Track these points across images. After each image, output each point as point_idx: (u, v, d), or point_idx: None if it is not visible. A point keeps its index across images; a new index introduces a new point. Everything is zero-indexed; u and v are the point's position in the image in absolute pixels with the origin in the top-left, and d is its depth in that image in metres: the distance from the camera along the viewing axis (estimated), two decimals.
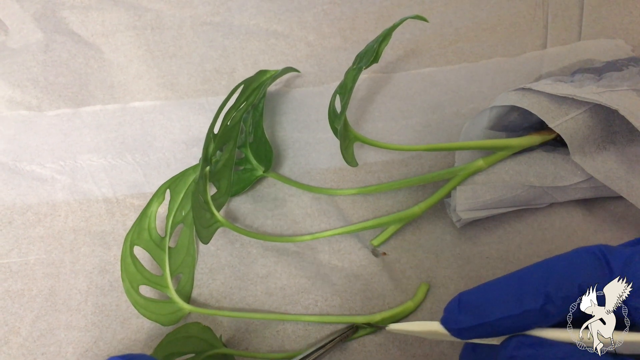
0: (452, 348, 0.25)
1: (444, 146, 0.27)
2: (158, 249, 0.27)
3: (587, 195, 0.27)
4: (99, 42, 0.35)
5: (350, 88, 0.24)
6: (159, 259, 0.26)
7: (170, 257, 0.27)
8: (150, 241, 0.26)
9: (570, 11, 0.35)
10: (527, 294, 0.17)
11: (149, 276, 0.26)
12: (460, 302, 0.18)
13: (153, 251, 0.27)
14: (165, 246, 0.27)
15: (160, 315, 0.25)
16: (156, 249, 0.27)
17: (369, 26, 0.35)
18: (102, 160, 0.31)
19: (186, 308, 0.26)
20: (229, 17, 0.36)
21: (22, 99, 0.33)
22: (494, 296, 0.17)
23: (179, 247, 0.27)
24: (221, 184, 0.26)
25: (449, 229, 0.28)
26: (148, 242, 0.26)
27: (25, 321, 0.27)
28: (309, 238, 0.27)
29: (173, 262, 0.27)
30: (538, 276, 0.17)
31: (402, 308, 0.25)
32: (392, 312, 0.25)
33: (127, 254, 0.26)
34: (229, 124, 0.26)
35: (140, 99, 0.33)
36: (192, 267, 0.27)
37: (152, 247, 0.26)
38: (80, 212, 0.30)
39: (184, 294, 0.26)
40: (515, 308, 0.16)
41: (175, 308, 0.25)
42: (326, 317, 0.26)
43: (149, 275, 0.26)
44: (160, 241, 0.27)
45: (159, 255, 0.27)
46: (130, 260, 0.26)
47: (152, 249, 0.27)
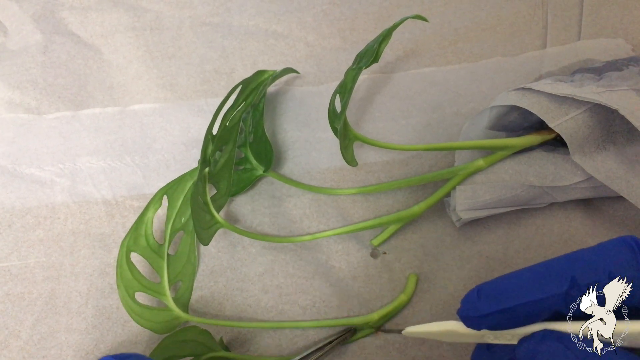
0: (452, 351, 0.25)
1: (444, 146, 0.27)
2: (156, 256, 0.26)
3: (587, 195, 0.27)
4: (98, 43, 0.35)
5: (350, 88, 0.24)
6: (157, 266, 0.26)
7: (170, 265, 0.26)
8: (147, 248, 0.26)
9: (570, 11, 0.35)
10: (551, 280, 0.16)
11: (146, 283, 0.26)
12: (480, 291, 0.17)
13: (150, 258, 0.26)
14: (164, 253, 0.26)
15: (155, 323, 0.25)
16: (154, 256, 0.26)
17: (368, 27, 0.35)
18: (101, 162, 0.31)
19: (182, 316, 0.25)
20: (228, 18, 0.36)
21: (21, 101, 0.33)
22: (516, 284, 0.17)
23: (178, 254, 0.27)
24: (220, 185, 0.26)
25: (448, 229, 0.28)
26: (145, 249, 0.26)
27: (25, 324, 0.27)
28: (309, 238, 0.27)
29: (172, 269, 0.26)
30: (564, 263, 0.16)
31: (396, 303, 0.25)
32: (387, 309, 0.25)
33: (124, 260, 0.25)
34: (228, 125, 0.26)
35: (139, 99, 0.33)
36: (192, 275, 0.27)
37: (150, 254, 0.26)
38: (80, 214, 0.30)
39: (182, 302, 0.26)
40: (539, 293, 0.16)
41: (171, 316, 0.25)
42: (324, 322, 0.25)
43: (146, 282, 0.26)
44: (159, 248, 0.27)
45: (157, 262, 0.26)
46: (126, 267, 0.25)
47: (150, 256, 0.26)
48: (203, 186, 0.25)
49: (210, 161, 0.26)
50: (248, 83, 0.28)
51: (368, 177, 0.30)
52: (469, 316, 0.17)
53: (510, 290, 0.17)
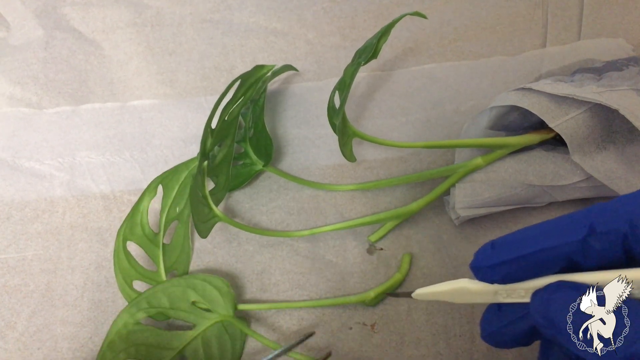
0: (449, 348, 0.25)
1: (443, 143, 0.27)
2: (152, 244, 0.26)
3: (586, 194, 0.27)
4: (99, 39, 0.35)
5: (348, 84, 0.24)
6: (153, 255, 0.26)
7: (165, 254, 0.27)
8: (143, 237, 0.26)
9: (570, 11, 0.35)
10: (569, 228, 0.15)
11: (142, 271, 0.26)
12: (494, 244, 0.17)
13: (146, 247, 0.26)
14: (159, 242, 0.27)
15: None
16: (150, 245, 0.26)
17: (368, 24, 0.35)
18: (100, 157, 0.31)
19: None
20: (228, 15, 0.36)
21: (22, 96, 0.33)
22: (532, 234, 0.16)
23: (173, 243, 0.27)
24: (219, 179, 0.26)
25: (445, 226, 0.28)
26: (141, 238, 0.26)
27: (21, 316, 0.27)
28: (307, 233, 0.27)
29: (167, 258, 0.27)
30: (583, 213, 0.15)
31: (392, 281, 0.26)
32: (383, 286, 0.26)
33: (120, 249, 0.26)
34: (227, 119, 0.26)
35: (139, 95, 0.33)
36: (187, 264, 0.27)
37: (146, 243, 0.26)
38: (78, 208, 0.30)
39: None
40: (555, 240, 0.15)
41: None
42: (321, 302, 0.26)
43: (143, 271, 0.26)
44: (154, 237, 0.27)
45: (152, 251, 0.26)
46: (123, 256, 0.26)
47: (146, 245, 0.26)
48: (202, 180, 0.25)
49: (209, 155, 0.26)
50: (247, 78, 0.28)
51: (366, 174, 0.30)
52: (482, 266, 0.16)
53: (526, 240, 0.16)
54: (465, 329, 0.25)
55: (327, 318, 0.26)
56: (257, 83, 0.28)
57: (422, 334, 0.25)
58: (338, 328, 0.26)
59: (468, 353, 0.24)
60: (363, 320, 0.26)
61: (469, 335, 0.25)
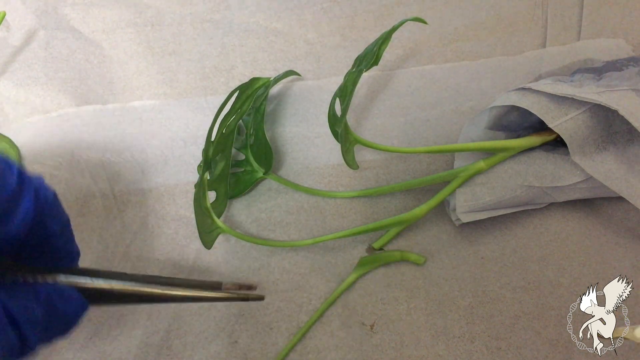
0: (448, 349, 0.25)
1: (445, 148, 0.27)
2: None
3: (586, 195, 0.27)
4: (100, 39, 0.35)
5: (350, 91, 0.24)
6: None
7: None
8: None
9: (570, 11, 0.35)
10: None
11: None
12: None
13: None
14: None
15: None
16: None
17: (368, 24, 0.35)
18: (100, 157, 0.31)
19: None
20: (228, 15, 0.36)
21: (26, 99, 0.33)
22: None
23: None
24: (219, 192, 0.27)
25: (445, 227, 0.28)
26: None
27: None
28: (310, 242, 0.27)
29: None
30: None
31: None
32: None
33: None
34: (225, 132, 0.26)
35: (139, 95, 0.33)
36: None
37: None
38: (78, 208, 0.30)
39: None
40: None
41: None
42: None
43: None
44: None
45: None
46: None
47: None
48: (204, 192, 0.25)
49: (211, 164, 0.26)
50: (244, 89, 0.28)
51: (366, 174, 0.30)
52: None
53: None
54: (464, 330, 0.25)
55: (327, 319, 0.26)
56: (253, 95, 0.28)
57: (422, 335, 0.25)
58: (338, 328, 0.26)
59: (467, 354, 0.24)
60: (362, 320, 0.26)
61: (468, 336, 0.25)
